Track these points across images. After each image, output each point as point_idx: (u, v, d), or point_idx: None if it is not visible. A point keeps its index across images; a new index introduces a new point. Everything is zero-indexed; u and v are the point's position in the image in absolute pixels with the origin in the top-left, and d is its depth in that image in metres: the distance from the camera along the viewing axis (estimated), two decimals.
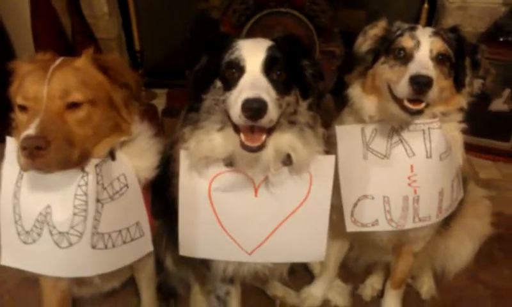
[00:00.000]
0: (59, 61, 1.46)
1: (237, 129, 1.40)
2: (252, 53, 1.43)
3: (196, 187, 1.60)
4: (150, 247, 1.70)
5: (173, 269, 2.05)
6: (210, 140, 1.52)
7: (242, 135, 1.38)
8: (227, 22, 2.74)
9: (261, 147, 1.38)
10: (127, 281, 1.99)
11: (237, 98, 1.35)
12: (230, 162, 1.55)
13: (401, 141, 1.72)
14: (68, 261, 1.53)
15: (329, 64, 2.81)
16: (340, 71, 2.81)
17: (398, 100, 1.60)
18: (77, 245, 1.50)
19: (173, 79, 3.09)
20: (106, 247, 1.54)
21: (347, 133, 1.78)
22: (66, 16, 2.69)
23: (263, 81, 1.39)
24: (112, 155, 1.55)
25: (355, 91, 1.81)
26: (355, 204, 1.78)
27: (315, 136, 1.57)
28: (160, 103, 3.07)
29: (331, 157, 1.60)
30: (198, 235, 1.67)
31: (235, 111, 1.33)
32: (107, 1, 2.75)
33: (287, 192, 1.60)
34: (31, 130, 1.29)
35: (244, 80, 1.40)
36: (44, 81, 1.37)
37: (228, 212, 1.62)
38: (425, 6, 2.76)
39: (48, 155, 1.30)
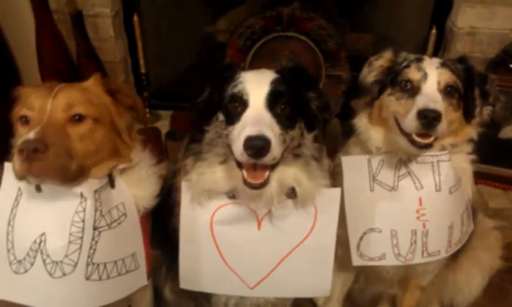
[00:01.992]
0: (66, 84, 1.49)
1: (239, 164, 1.36)
2: (256, 86, 1.40)
3: (197, 218, 1.56)
4: (144, 281, 1.64)
5: (172, 299, 2.00)
6: (213, 173, 1.49)
7: (244, 172, 1.34)
8: (233, 45, 2.73)
9: (264, 184, 1.34)
10: None
11: (239, 133, 1.31)
12: (232, 195, 1.51)
13: (409, 173, 1.67)
14: (60, 293, 1.46)
15: (335, 89, 2.77)
16: (346, 96, 2.78)
17: (406, 133, 1.56)
18: (71, 275, 1.44)
19: (178, 101, 3.07)
20: (100, 279, 1.48)
21: (353, 164, 1.73)
22: (71, 39, 2.69)
23: (266, 116, 1.36)
24: (111, 182, 1.51)
25: (362, 122, 1.77)
26: (361, 238, 1.73)
27: (321, 169, 1.53)
28: (164, 125, 3.05)
29: (337, 190, 1.56)
30: (200, 268, 1.62)
31: (237, 148, 1.29)
32: (113, 24, 2.75)
33: (291, 225, 1.55)
34: (30, 135, 1.28)
35: (247, 115, 1.36)
36: (50, 95, 1.39)
37: (230, 245, 1.58)
38: (433, 31, 2.73)
39: (46, 159, 1.27)
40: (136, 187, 1.59)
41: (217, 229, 1.55)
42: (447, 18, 2.93)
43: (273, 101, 1.39)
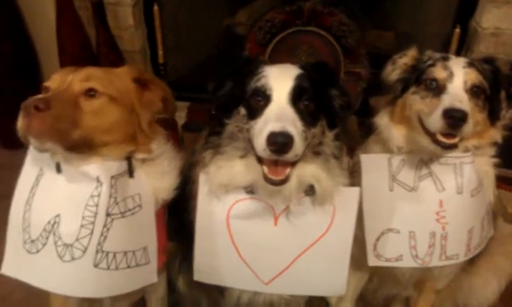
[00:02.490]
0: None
1: (260, 159, 1.35)
2: (279, 81, 1.38)
3: (214, 212, 1.54)
4: (154, 278, 1.60)
5: (185, 291, 2.00)
6: (231, 167, 1.47)
7: (265, 168, 1.33)
8: (252, 39, 2.71)
9: (284, 181, 1.32)
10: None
11: (262, 129, 1.29)
12: (250, 190, 1.49)
13: (430, 174, 1.64)
14: (68, 278, 1.45)
15: (354, 86, 2.74)
16: (365, 93, 2.74)
17: (430, 133, 1.53)
18: (79, 260, 1.42)
19: (195, 93, 3.06)
20: (108, 268, 1.45)
21: (373, 162, 1.71)
22: (91, 27, 2.68)
23: (290, 112, 1.34)
24: (130, 172, 1.50)
25: (383, 120, 1.74)
26: (378, 238, 1.71)
27: (340, 167, 1.51)
28: (180, 116, 3.03)
29: (356, 189, 1.54)
30: (214, 261, 1.61)
31: (260, 144, 1.27)
32: (133, 13, 2.74)
33: (308, 223, 1.53)
34: (38, 96, 1.32)
35: (270, 111, 1.34)
36: (70, 70, 1.44)
37: (246, 240, 1.56)
38: (457, 30, 2.67)
39: (45, 118, 1.28)
40: (157, 179, 1.57)
41: (233, 223, 1.54)
42: (471, 18, 2.87)
43: (297, 97, 1.36)
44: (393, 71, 1.75)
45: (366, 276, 2.07)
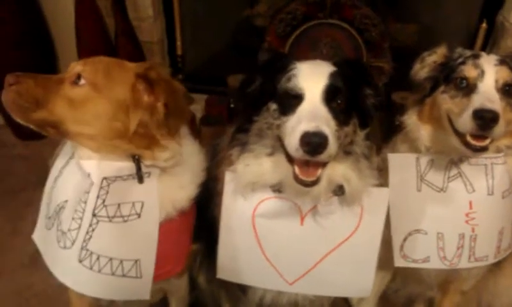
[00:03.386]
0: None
1: (290, 159, 1.31)
2: (312, 79, 1.34)
3: (239, 210, 1.51)
4: (145, 295, 1.47)
5: (205, 288, 1.98)
6: (259, 165, 1.43)
7: (296, 168, 1.29)
8: (272, 31, 2.66)
9: (316, 182, 1.29)
10: None
11: (294, 128, 1.26)
12: (277, 188, 1.46)
13: (460, 175, 1.60)
14: (60, 263, 1.44)
15: (377, 80, 2.68)
16: (388, 88, 2.69)
17: (459, 134, 1.48)
18: (69, 251, 1.40)
19: (212, 85, 3.02)
20: (91, 268, 1.40)
21: (400, 162, 1.67)
22: (110, 17, 2.65)
23: (323, 111, 1.30)
24: (139, 177, 1.40)
25: (411, 119, 1.69)
26: (405, 238, 1.67)
27: (370, 167, 1.47)
28: (197, 109, 3.00)
29: (386, 190, 1.50)
30: (238, 260, 1.58)
31: (292, 143, 1.24)
32: (152, 4, 2.70)
33: (335, 223, 1.50)
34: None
35: (303, 109, 1.31)
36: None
37: (271, 239, 1.53)
38: (484, 25, 2.60)
39: (9, 92, 1.31)
40: (174, 191, 1.49)
41: (259, 222, 1.51)
42: (497, 12, 2.79)
43: (330, 95, 1.33)
44: (422, 69, 1.70)
45: (389, 275, 2.04)
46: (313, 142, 1.19)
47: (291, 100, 1.34)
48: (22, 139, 3.22)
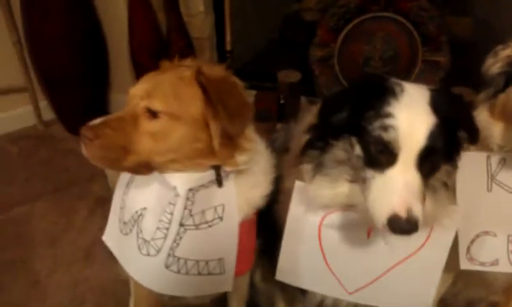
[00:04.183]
0: (178, 66, 1.41)
1: None
2: (410, 139, 1.17)
3: (306, 218, 1.47)
4: (228, 287, 1.53)
5: (260, 285, 1.96)
6: (334, 188, 1.35)
7: None
8: (324, 25, 2.62)
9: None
10: None
11: (381, 195, 1.17)
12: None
13: None
14: (143, 269, 1.47)
15: (432, 75, 2.61)
16: (444, 83, 2.60)
17: None
18: (154, 258, 1.43)
19: (261, 81, 2.99)
20: (179, 272, 1.44)
21: (469, 161, 1.58)
22: (161, 13, 2.66)
23: (417, 183, 1.17)
24: (219, 181, 1.40)
25: (481, 116, 1.61)
26: (473, 240, 1.60)
27: (448, 194, 1.38)
28: None
29: (458, 209, 1.42)
30: (299, 264, 1.56)
31: (377, 215, 1.16)
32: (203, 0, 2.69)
33: (402, 238, 1.44)
34: (94, 121, 1.29)
35: (395, 176, 1.17)
36: (143, 80, 1.35)
37: (335, 248, 1.49)
38: None
39: (94, 148, 1.26)
40: (250, 190, 1.49)
41: (325, 231, 1.47)
42: None
43: (426, 159, 1.18)
44: (495, 64, 1.61)
45: (451, 279, 1.95)
46: (403, 230, 1.13)
47: (381, 155, 1.20)
48: (74, 134, 3.28)
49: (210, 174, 1.38)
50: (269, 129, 2.57)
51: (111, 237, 1.58)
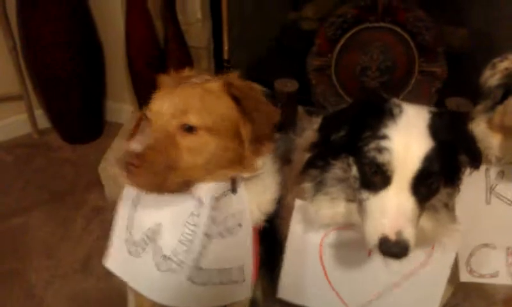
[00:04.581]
0: (195, 78, 1.40)
1: None
2: (404, 162, 1.16)
3: (306, 237, 1.48)
4: (247, 293, 1.56)
5: (260, 298, 1.95)
6: (334, 207, 1.36)
7: None
8: (322, 34, 2.61)
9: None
10: None
11: (374, 217, 1.18)
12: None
13: None
14: (163, 287, 1.46)
15: (428, 86, 2.61)
16: (440, 93, 2.61)
17: None
18: (175, 274, 1.43)
19: None
20: (204, 284, 1.45)
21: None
22: (159, 21, 2.64)
23: (410, 206, 1.17)
24: (233, 188, 1.43)
25: (479, 128, 1.62)
26: (472, 253, 1.62)
27: (450, 214, 1.38)
28: None
29: (459, 230, 1.42)
30: (301, 282, 1.57)
31: (369, 235, 1.18)
32: (201, 7, 2.67)
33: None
34: (134, 145, 1.24)
35: (388, 199, 1.17)
36: (168, 96, 1.31)
37: (336, 266, 1.50)
38: None
39: (140, 174, 1.23)
40: (260, 194, 1.51)
41: (326, 249, 1.48)
42: None
43: (422, 182, 1.18)
44: (493, 76, 1.62)
45: (451, 290, 1.96)
46: (393, 253, 1.13)
47: (375, 177, 1.20)
48: (69, 142, 3.26)
49: (228, 182, 1.41)
50: None
51: (116, 262, 1.52)
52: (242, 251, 1.49)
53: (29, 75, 3.11)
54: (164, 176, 1.27)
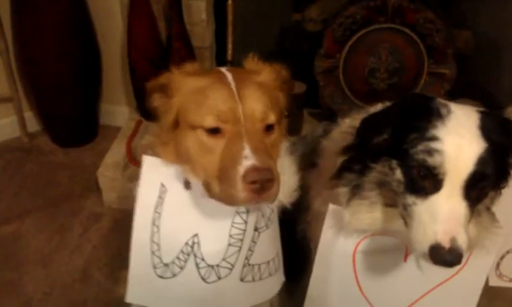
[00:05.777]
0: (233, 74, 1.27)
1: None
2: (457, 164, 1.09)
3: (339, 245, 1.39)
4: (278, 286, 1.51)
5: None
6: (372, 212, 1.29)
7: None
8: (330, 36, 2.57)
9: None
10: None
11: (424, 224, 1.11)
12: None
13: None
14: (211, 298, 1.37)
15: (438, 88, 2.59)
16: (450, 95, 2.59)
17: None
18: (226, 279, 1.34)
19: None
20: (254, 280, 1.39)
21: None
22: (161, 20, 2.56)
23: (462, 212, 1.11)
24: None
25: None
26: (503, 257, 1.57)
27: (489, 215, 1.32)
28: None
29: (500, 232, 1.36)
30: (329, 292, 1.49)
31: (419, 246, 1.11)
32: (206, 8, 2.60)
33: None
34: (253, 161, 1.10)
35: (440, 204, 1.11)
36: (235, 99, 1.18)
37: (370, 273, 1.43)
38: None
39: (273, 187, 1.13)
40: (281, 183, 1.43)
41: (360, 257, 1.40)
42: None
43: (474, 185, 1.11)
44: None
45: None
46: (446, 261, 1.06)
47: (425, 181, 1.13)
48: (62, 145, 3.13)
49: None
50: None
51: (140, 293, 1.38)
52: (277, 237, 1.47)
53: (21, 77, 2.98)
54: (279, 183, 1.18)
